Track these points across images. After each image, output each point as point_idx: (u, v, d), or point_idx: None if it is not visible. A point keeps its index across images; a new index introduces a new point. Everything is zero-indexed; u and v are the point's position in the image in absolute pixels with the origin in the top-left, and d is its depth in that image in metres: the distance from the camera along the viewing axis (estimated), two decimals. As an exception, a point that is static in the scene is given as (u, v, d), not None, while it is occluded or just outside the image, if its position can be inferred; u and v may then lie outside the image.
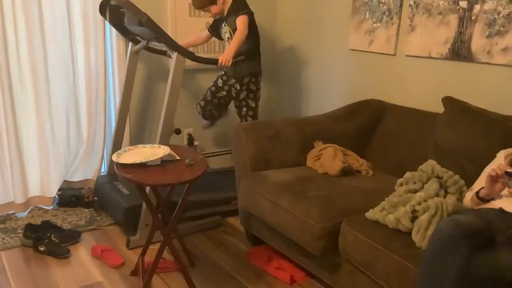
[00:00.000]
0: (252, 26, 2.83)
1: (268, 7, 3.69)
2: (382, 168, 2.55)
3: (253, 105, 3.06)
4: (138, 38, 2.93)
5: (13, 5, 2.67)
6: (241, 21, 2.74)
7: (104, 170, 3.24)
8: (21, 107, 2.83)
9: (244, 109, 3.06)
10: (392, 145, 2.59)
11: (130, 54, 2.98)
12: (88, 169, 3.18)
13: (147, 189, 2.46)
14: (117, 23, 2.90)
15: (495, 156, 1.81)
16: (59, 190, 3.07)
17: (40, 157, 2.95)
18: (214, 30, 3.03)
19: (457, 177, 1.83)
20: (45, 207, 3.04)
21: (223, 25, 2.92)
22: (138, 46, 2.93)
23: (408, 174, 1.95)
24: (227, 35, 2.91)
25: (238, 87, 2.97)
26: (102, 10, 2.85)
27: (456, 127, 2.13)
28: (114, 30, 3.02)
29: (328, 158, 2.42)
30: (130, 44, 2.98)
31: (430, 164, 1.91)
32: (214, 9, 2.84)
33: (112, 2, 2.72)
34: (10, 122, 2.76)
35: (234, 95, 3.02)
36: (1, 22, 2.62)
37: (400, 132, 2.58)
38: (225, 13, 2.88)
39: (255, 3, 3.55)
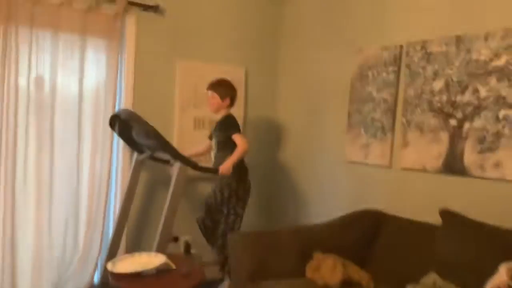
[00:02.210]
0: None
1: (270, 116, 3.89)
2: (382, 280, 2.45)
3: (240, 212, 3.05)
4: (144, 148, 3.06)
5: (27, 113, 2.82)
6: (240, 139, 2.92)
7: (97, 279, 3.13)
8: (21, 209, 2.84)
9: (232, 216, 3.04)
10: (392, 256, 2.54)
11: (135, 163, 3.08)
12: (81, 278, 3.07)
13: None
14: (125, 135, 3.05)
15: (497, 269, 1.77)
16: (49, 300, 2.94)
17: (34, 265, 2.88)
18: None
19: (460, 291, 1.78)
20: (33, 319, 2.88)
21: (213, 132, 3.09)
22: (143, 156, 3.05)
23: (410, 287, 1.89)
24: (213, 143, 3.07)
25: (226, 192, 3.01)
26: (112, 123, 3.01)
27: (455, 240, 2.12)
28: (120, 141, 3.16)
29: (327, 269, 2.36)
30: (136, 154, 3.10)
31: (432, 277, 1.87)
32: (217, 101, 3.00)
33: (122, 117, 2.90)
34: (8, 231, 2.76)
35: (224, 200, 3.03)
36: (13, 131, 2.75)
37: (399, 243, 2.55)
38: (218, 118, 3.05)
39: (256, 115, 3.78)
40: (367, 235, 2.73)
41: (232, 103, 3.08)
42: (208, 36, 3.52)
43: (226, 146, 2.97)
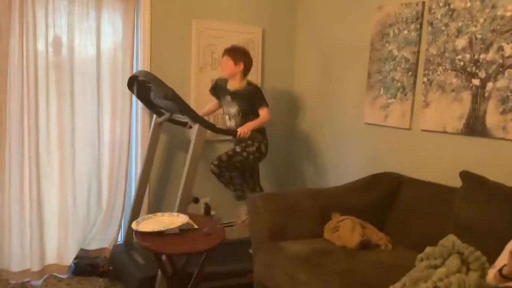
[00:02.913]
0: None
1: (287, 81, 3.86)
2: (401, 242, 2.50)
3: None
4: (162, 110, 3.08)
5: (47, 76, 2.86)
6: (265, 114, 2.99)
7: (120, 239, 3.24)
8: (45, 173, 2.93)
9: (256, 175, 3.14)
10: (410, 219, 2.56)
11: (153, 126, 3.10)
12: (105, 237, 3.19)
13: (163, 258, 2.45)
14: (143, 97, 3.06)
15: (516, 232, 1.78)
16: (75, 258, 3.06)
17: (60, 224, 2.99)
18: (216, 93, 3.21)
19: (478, 253, 1.79)
20: (60, 276, 3.01)
21: (229, 97, 3.09)
22: (161, 118, 3.07)
23: (428, 249, 1.91)
24: (234, 111, 3.07)
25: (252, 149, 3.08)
26: (130, 85, 3.02)
27: (475, 202, 2.11)
28: (140, 103, 3.18)
29: (346, 230, 2.40)
30: (154, 116, 3.12)
31: (451, 239, 1.88)
32: (230, 65, 3.00)
33: (140, 78, 2.90)
34: (34, 189, 2.85)
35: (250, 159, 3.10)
36: (34, 91, 2.79)
37: (418, 206, 2.56)
38: (231, 88, 3.06)
39: (273, 77, 3.75)
40: (386, 197, 2.74)
41: (246, 70, 3.06)
42: (224, -6, 3.45)
43: (249, 114, 3.02)
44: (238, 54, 3.02)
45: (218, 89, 3.18)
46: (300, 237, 2.49)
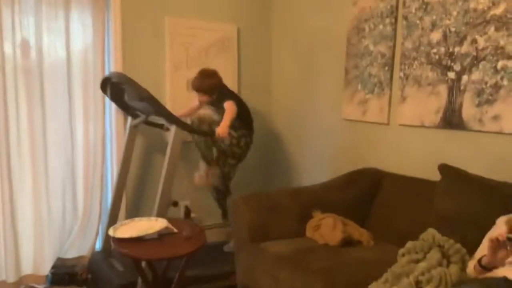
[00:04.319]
0: (241, 109, 3.01)
1: (264, 78, 3.83)
2: (382, 238, 2.51)
3: (232, 162, 3.13)
4: (138, 112, 3.01)
5: (16, 80, 2.76)
6: (229, 104, 2.91)
7: (98, 246, 3.17)
8: (18, 180, 2.84)
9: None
10: (391, 214, 2.56)
11: (129, 129, 3.03)
12: (82, 245, 3.11)
13: (143, 264, 2.39)
14: (117, 99, 2.99)
15: (495, 223, 1.79)
16: (52, 267, 2.98)
17: (35, 233, 2.90)
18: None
19: (458, 245, 1.80)
20: (37, 286, 2.93)
21: (212, 109, 3.12)
22: (137, 120, 3.00)
23: (409, 244, 1.91)
24: (216, 118, 3.05)
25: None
26: (103, 87, 2.95)
27: (455, 195, 2.13)
28: (113, 105, 3.10)
29: (327, 228, 2.40)
30: (130, 118, 3.05)
31: (431, 233, 1.88)
32: (206, 98, 3.03)
33: (114, 80, 2.83)
34: (6, 195, 2.76)
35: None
36: (2, 96, 2.70)
37: (398, 201, 2.57)
38: (212, 103, 3.06)
39: (249, 76, 3.72)
40: (366, 193, 2.74)
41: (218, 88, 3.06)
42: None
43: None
44: (209, 86, 2.99)
45: None
46: (282, 237, 2.47)
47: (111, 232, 2.21)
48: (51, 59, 2.88)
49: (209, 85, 2.99)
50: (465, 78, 2.44)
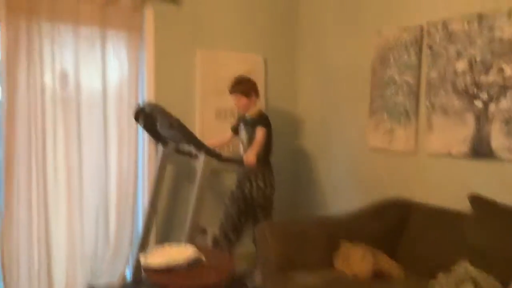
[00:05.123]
0: (267, 140, 3.03)
1: (290, 108, 3.88)
2: (413, 270, 2.44)
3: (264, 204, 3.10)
4: (169, 141, 3.09)
5: (54, 110, 2.86)
6: (261, 133, 2.96)
7: (128, 272, 3.21)
8: (54, 207, 2.91)
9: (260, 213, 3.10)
10: (421, 246, 2.53)
11: (160, 157, 3.11)
12: (113, 272, 3.14)
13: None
14: (150, 128, 3.08)
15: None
16: (83, 293, 3.04)
17: (68, 260, 2.96)
18: (236, 130, 3.22)
19: (492, 279, 1.77)
20: (68, 311, 2.99)
21: (242, 125, 3.14)
22: (168, 149, 3.08)
23: (441, 277, 1.89)
24: (244, 137, 3.11)
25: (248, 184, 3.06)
26: (136, 117, 3.04)
27: (486, 227, 2.10)
28: (145, 135, 3.19)
29: (356, 259, 2.36)
30: (161, 147, 3.14)
31: (463, 266, 1.86)
32: (244, 101, 3.05)
33: (146, 110, 2.93)
34: (42, 222, 2.83)
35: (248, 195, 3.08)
36: (41, 125, 2.80)
37: (427, 232, 2.54)
38: (247, 116, 3.08)
39: (276, 105, 3.77)
40: (395, 223, 2.71)
41: (257, 95, 3.13)
42: (226, 25, 3.52)
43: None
44: (245, 85, 3.07)
45: (238, 125, 3.21)
46: (309, 267, 2.45)
47: (142, 259, 2.25)
48: (88, 89, 2.98)
49: (245, 83, 3.07)
50: (492, 106, 2.43)
